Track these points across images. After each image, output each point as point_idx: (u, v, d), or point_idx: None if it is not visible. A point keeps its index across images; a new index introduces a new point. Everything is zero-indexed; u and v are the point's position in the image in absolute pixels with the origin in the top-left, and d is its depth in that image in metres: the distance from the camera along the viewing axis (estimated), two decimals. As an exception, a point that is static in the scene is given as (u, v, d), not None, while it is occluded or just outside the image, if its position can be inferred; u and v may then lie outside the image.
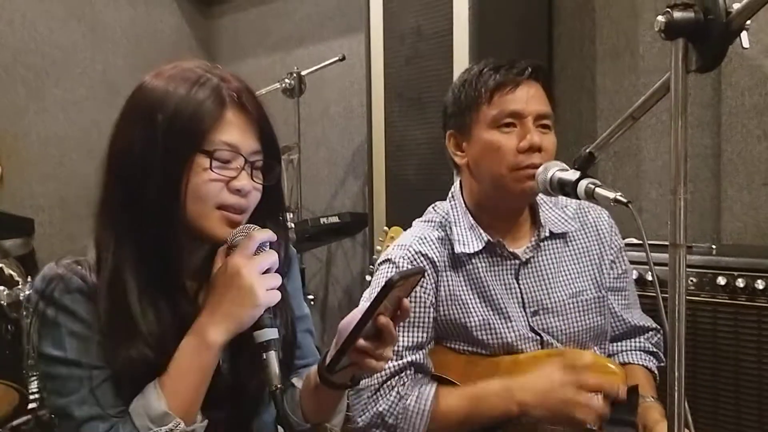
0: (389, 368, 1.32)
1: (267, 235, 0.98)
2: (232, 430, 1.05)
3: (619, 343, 1.49)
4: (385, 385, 1.33)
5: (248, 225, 0.99)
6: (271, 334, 0.95)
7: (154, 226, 0.95)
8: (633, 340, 1.48)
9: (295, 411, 1.12)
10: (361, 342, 0.94)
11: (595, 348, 1.42)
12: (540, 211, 1.42)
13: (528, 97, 1.32)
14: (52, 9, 3.67)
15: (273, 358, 0.93)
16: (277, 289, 1.06)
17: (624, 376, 1.26)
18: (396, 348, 1.33)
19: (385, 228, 2.21)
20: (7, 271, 2.31)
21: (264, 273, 0.95)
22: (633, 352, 1.47)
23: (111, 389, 0.94)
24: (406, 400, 1.31)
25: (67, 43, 3.72)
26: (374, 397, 1.33)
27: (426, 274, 1.35)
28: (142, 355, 0.94)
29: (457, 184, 1.46)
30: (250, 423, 1.08)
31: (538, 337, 1.35)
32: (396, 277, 0.90)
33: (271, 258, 0.97)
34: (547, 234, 1.40)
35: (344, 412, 1.15)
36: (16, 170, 3.54)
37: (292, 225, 2.86)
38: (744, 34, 0.78)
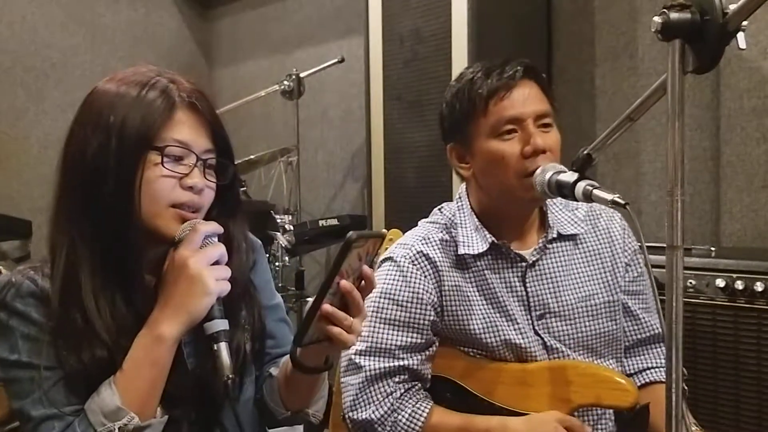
0: (382, 366, 1.31)
1: (212, 227, 0.99)
2: (198, 426, 1.04)
3: (645, 357, 1.43)
4: (377, 386, 1.32)
5: (195, 220, 0.99)
6: (220, 325, 0.95)
7: (109, 226, 0.96)
8: (657, 350, 1.43)
9: (274, 399, 1.12)
10: (326, 307, 0.93)
11: (612, 362, 1.38)
12: (549, 212, 1.39)
13: (524, 99, 1.28)
14: (52, 12, 3.68)
15: (224, 348, 0.94)
16: (243, 283, 1.07)
17: (636, 393, 1.23)
18: (389, 347, 1.32)
19: (384, 230, 2.21)
20: (5, 273, 2.30)
21: (213, 264, 0.96)
22: (662, 369, 1.40)
23: (65, 389, 0.95)
24: (398, 414, 1.30)
25: (66, 46, 3.73)
26: (365, 396, 1.31)
27: (426, 274, 1.34)
28: (94, 356, 0.95)
29: (464, 185, 1.44)
30: (219, 420, 1.07)
31: (542, 341, 1.34)
32: (354, 236, 0.89)
33: (218, 250, 0.98)
34: (555, 235, 1.37)
35: (325, 399, 1.14)
36: (16, 172, 3.54)
37: (291, 227, 2.86)
38: (741, 35, 0.78)
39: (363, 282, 0.96)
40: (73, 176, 1.00)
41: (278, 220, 2.90)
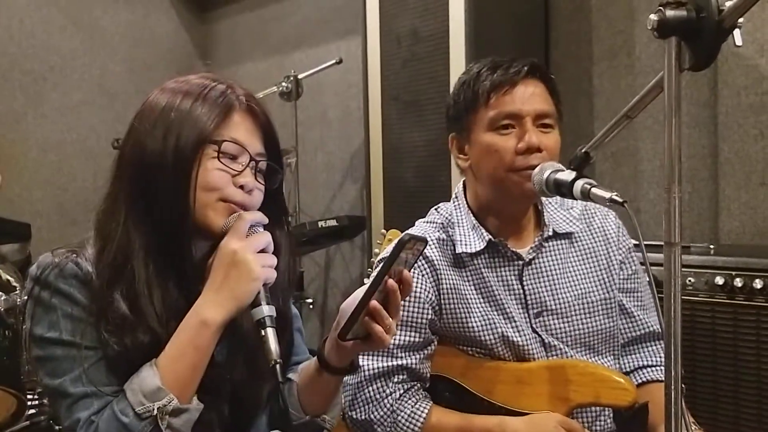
0: (380, 366, 1.32)
1: (258, 216, 1.01)
2: (229, 425, 1.05)
3: (640, 355, 1.43)
4: (376, 385, 1.32)
5: (241, 211, 1.01)
6: (267, 311, 0.96)
7: (165, 215, 0.99)
8: (652, 348, 1.43)
9: (293, 403, 1.13)
10: (375, 304, 0.96)
11: (609, 359, 1.38)
12: (545, 211, 1.41)
13: (526, 97, 1.30)
14: (50, 15, 3.68)
15: (271, 334, 0.95)
16: (283, 288, 1.08)
17: (635, 392, 1.24)
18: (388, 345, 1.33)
19: (383, 231, 2.21)
20: (5, 276, 2.30)
21: (260, 252, 0.98)
22: (659, 368, 1.40)
23: (106, 369, 0.96)
24: (398, 414, 1.30)
25: (65, 49, 3.73)
26: (363, 395, 1.32)
27: (424, 273, 1.34)
28: (137, 340, 0.96)
29: (460, 185, 1.46)
30: (247, 422, 1.08)
31: (540, 338, 1.34)
32: (407, 237, 0.94)
33: (264, 238, 1.00)
34: (551, 233, 1.38)
35: (340, 406, 1.16)
36: (15, 176, 3.54)
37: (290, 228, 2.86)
38: (737, 32, 0.78)
39: (401, 285, 0.99)
40: (131, 168, 1.02)
41: (277, 222, 2.89)
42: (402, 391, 1.32)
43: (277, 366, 0.93)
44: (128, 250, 0.99)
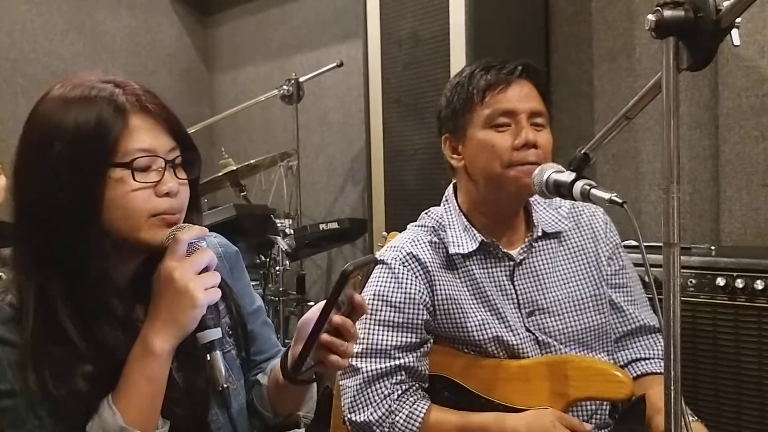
0: (378, 368, 1.32)
1: (195, 233, 0.95)
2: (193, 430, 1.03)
3: (634, 349, 1.43)
4: (374, 387, 1.32)
5: (180, 225, 0.96)
6: (214, 334, 0.95)
7: (78, 262, 0.92)
8: (646, 342, 1.44)
9: (264, 406, 1.12)
10: (325, 337, 0.95)
11: (603, 355, 1.39)
12: (533, 212, 1.43)
13: (520, 96, 1.34)
14: (52, 20, 3.69)
15: (218, 357, 0.94)
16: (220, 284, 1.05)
17: (632, 385, 1.24)
18: (384, 347, 1.33)
19: (384, 233, 2.21)
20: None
21: (203, 271, 0.93)
22: (653, 360, 1.41)
23: (60, 413, 0.92)
24: (396, 415, 1.31)
25: (66, 54, 3.74)
26: (362, 398, 1.32)
27: (417, 275, 1.35)
28: (77, 386, 0.92)
29: (450, 188, 1.47)
30: (205, 420, 1.05)
31: (534, 337, 1.35)
32: (350, 268, 0.91)
33: (206, 256, 0.94)
34: (540, 234, 1.40)
35: (314, 398, 1.14)
36: (17, 180, 3.55)
37: (292, 231, 2.86)
38: (735, 32, 0.78)
39: (353, 308, 0.97)
40: (29, 217, 0.94)
41: (279, 225, 2.90)
42: (400, 392, 1.33)
43: (227, 391, 0.93)
44: (49, 306, 0.93)
